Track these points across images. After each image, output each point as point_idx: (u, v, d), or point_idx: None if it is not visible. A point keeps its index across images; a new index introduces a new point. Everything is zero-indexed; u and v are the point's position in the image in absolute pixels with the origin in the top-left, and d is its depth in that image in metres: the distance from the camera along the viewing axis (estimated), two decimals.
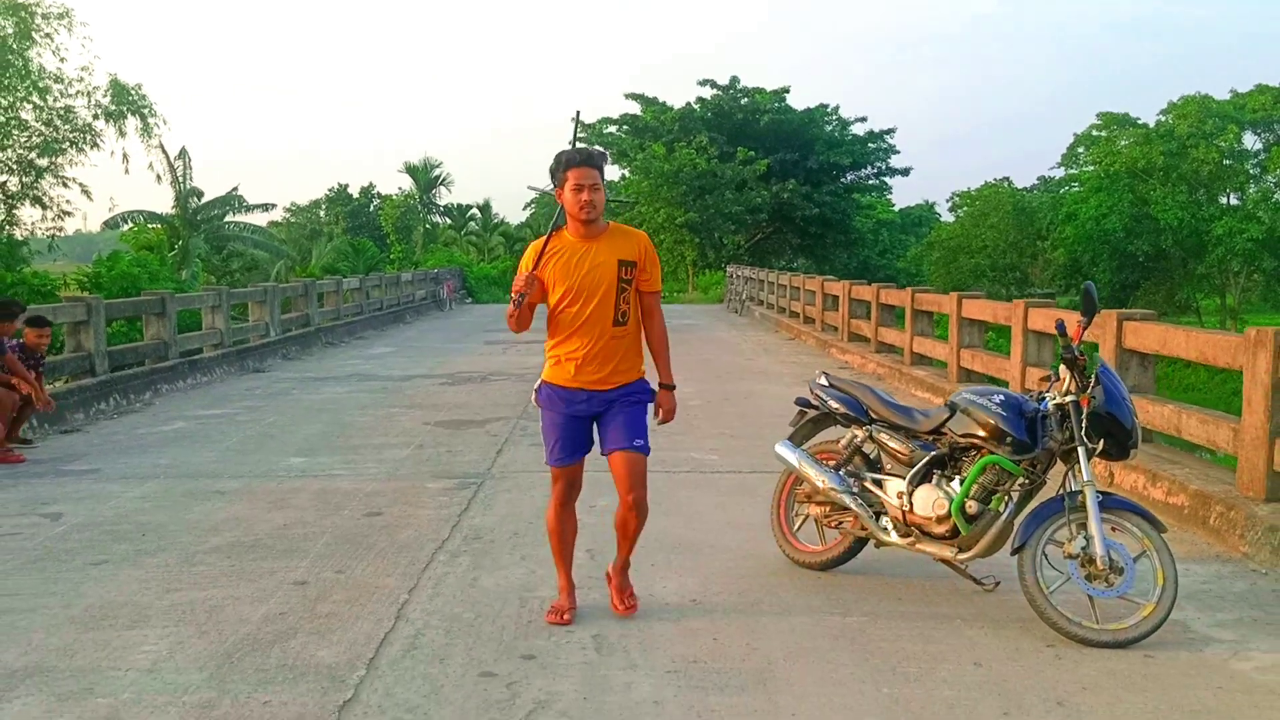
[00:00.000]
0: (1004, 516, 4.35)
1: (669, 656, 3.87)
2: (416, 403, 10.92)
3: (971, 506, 4.39)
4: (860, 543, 4.89)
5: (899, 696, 3.60)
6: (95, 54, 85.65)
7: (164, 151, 32.68)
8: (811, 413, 5.14)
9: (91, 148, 27.64)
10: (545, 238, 4.07)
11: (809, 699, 3.58)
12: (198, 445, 8.54)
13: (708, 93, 42.53)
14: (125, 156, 30.92)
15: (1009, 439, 4.32)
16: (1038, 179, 61.05)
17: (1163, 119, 46.61)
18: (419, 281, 29.76)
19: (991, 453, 4.35)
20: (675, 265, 43.22)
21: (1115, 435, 4.26)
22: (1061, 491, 4.27)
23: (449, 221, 54.02)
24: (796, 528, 5.13)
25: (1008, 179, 55.40)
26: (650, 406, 4.19)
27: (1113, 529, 4.19)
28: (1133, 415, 4.31)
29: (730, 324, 23.74)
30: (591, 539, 5.26)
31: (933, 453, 4.59)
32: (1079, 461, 4.20)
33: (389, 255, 43.76)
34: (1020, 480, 4.36)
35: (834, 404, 4.99)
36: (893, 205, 66.36)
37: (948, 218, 61.23)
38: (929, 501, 4.52)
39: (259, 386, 12.50)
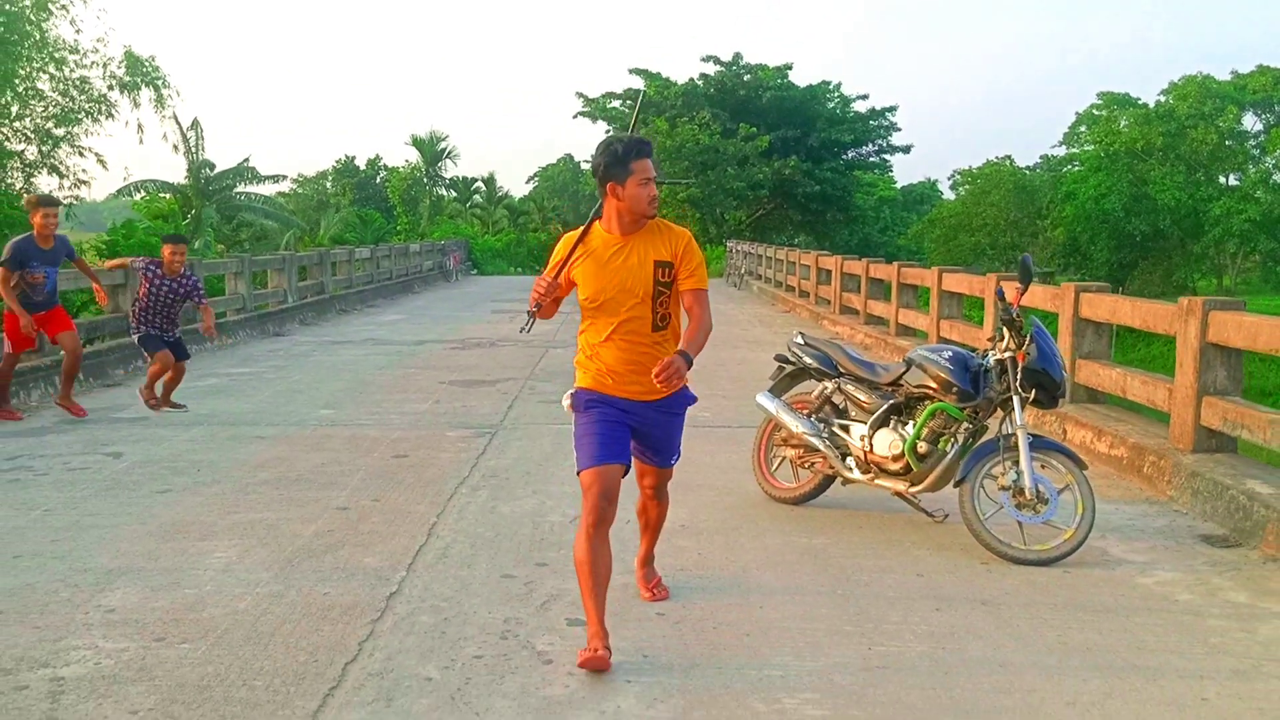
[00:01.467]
0: (950, 456, 5.08)
1: (661, 565, 4.60)
2: (430, 364, 11.65)
3: (922, 447, 5.12)
4: (828, 480, 5.62)
5: (850, 595, 4.34)
6: (110, 25, 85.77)
7: (177, 122, 33.26)
8: (789, 368, 5.86)
9: (106, 118, 28.24)
10: (583, 229, 3.69)
11: (775, 597, 4.32)
12: (233, 398, 9.29)
13: (711, 69, 42.99)
14: (140, 127, 31.44)
15: (955, 389, 5.05)
16: (1040, 157, 61.60)
17: (1163, 99, 47.09)
18: (426, 252, 30.43)
19: (940, 401, 5.08)
20: None
21: (1046, 386, 4.99)
22: (998, 434, 5.00)
23: (454, 194, 54.65)
24: (774, 468, 5.87)
25: (1009, 157, 55.76)
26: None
27: (1041, 466, 4.92)
28: (1062, 370, 5.03)
29: (729, 297, 24.41)
30: None
31: (891, 401, 5.31)
32: (1014, 409, 4.92)
33: (395, 227, 44.43)
34: (964, 425, 5.09)
35: (808, 360, 5.71)
36: (894, 183, 66.75)
37: (950, 195, 61.75)
38: (886, 443, 5.25)
39: (281, 349, 13.24)
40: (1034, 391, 4.97)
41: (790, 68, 43.32)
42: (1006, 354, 4.99)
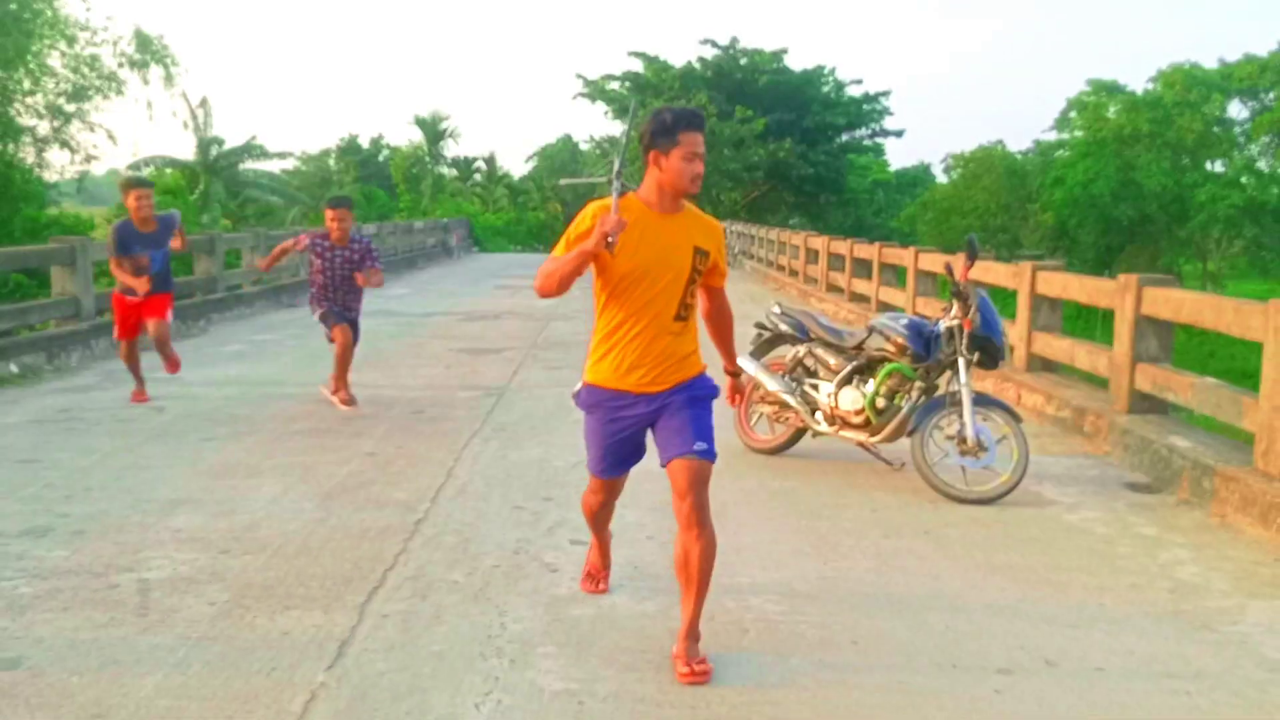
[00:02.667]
0: (904, 410, 5.79)
1: (652, 500, 5.30)
2: (439, 334, 12.33)
3: (880, 403, 5.83)
4: (800, 433, 6.33)
5: (812, 527, 5.06)
6: (119, 3, 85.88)
7: (186, 100, 33.76)
8: (767, 334, 6.56)
9: (116, 94, 28.78)
10: (615, 197, 3.31)
11: (748, 527, 5.03)
12: (258, 362, 9.98)
13: (708, 52, 43.44)
14: (149, 104, 31.95)
15: (910, 352, 5.75)
16: (1034, 141, 62.13)
17: (1150, 87, 47.61)
18: (429, 230, 31.03)
19: (896, 362, 5.78)
20: None
21: (988, 350, 5.69)
22: (946, 392, 5.71)
23: (456, 173, 55.17)
24: (753, 423, 6.57)
25: (1001, 142, 56.25)
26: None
27: (982, 419, 5.62)
28: (1002, 336, 5.74)
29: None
30: None
31: (855, 363, 6.01)
32: (960, 369, 5.62)
33: (398, 204, 44.99)
34: (917, 383, 5.79)
35: (784, 327, 6.41)
36: (888, 165, 67.23)
37: (943, 179, 62.30)
38: (850, 400, 5.95)
39: (296, 319, 13.90)
40: (978, 355, 5.67)
41: (786, 52, 43.82)
42: (954, 321, 5.69)
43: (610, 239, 3.23)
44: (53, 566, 4.31)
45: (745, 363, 6.47)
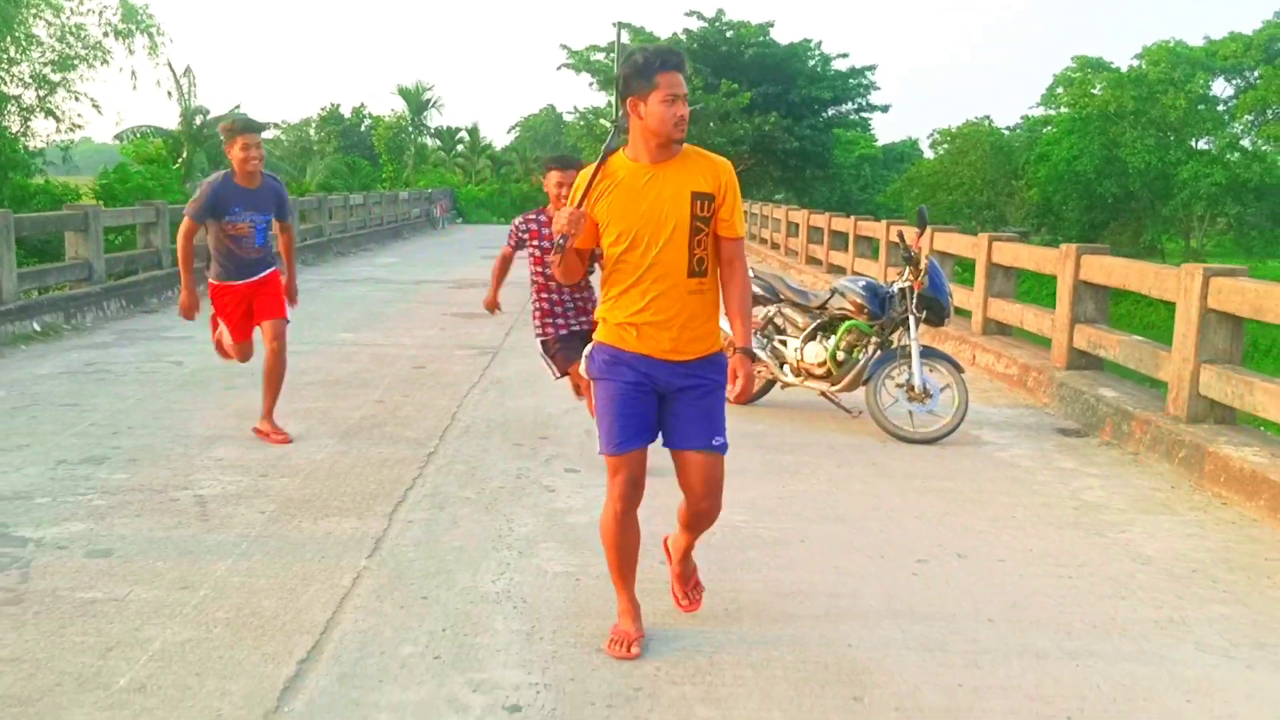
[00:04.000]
0: (861, 362, 6.50)
1: None
2: (431, 300, 12.97)
3: (840, 356, 6.54)
4: (770, 385, 7.04)
5: (776, 460, 5.77)
6: None
7: (171, 69, 33.98)
8: None
9: (102, 64, 29.04)
10: (598, 163, 3.09)
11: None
12: None
13: (694, 24, 43.83)
14: (134, 74, 32.16)
15: (866, 310, 6.46)
16: (1021, 118, 62.80)
17: (1135, 64, 48.38)
18: (414, 200, 31.51)
19: (855, 320, 6.49)
20: None
21: (935, 309, 6.40)
22: (898, 345, 6.42)
23: (439, 143, 55.41)
24: None
25: (988, 118, 56.87)
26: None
27: (929, 369, 6.34)
28: (948, 297, 6.46)
29: None
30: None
31: (818, 321, 6.71)
32: (910, 326, 6.33)
33: (381, 175, 45.32)
34: (873, 339, 6.50)
35: (756, 289, 7.09)
36: (875, 140, 67.74)
37: (930, 155, 63.00)
38: (814, 353, 6.66)
39: None
40: (926, 313, 6.39)
41: (772, 25, 44.26)
42: (906, 283, 6.40)
43: (560, 240, 3.03)
44: (117, 485, 4.98)
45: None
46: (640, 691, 3.08)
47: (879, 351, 6.54)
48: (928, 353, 6.38)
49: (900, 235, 6.60)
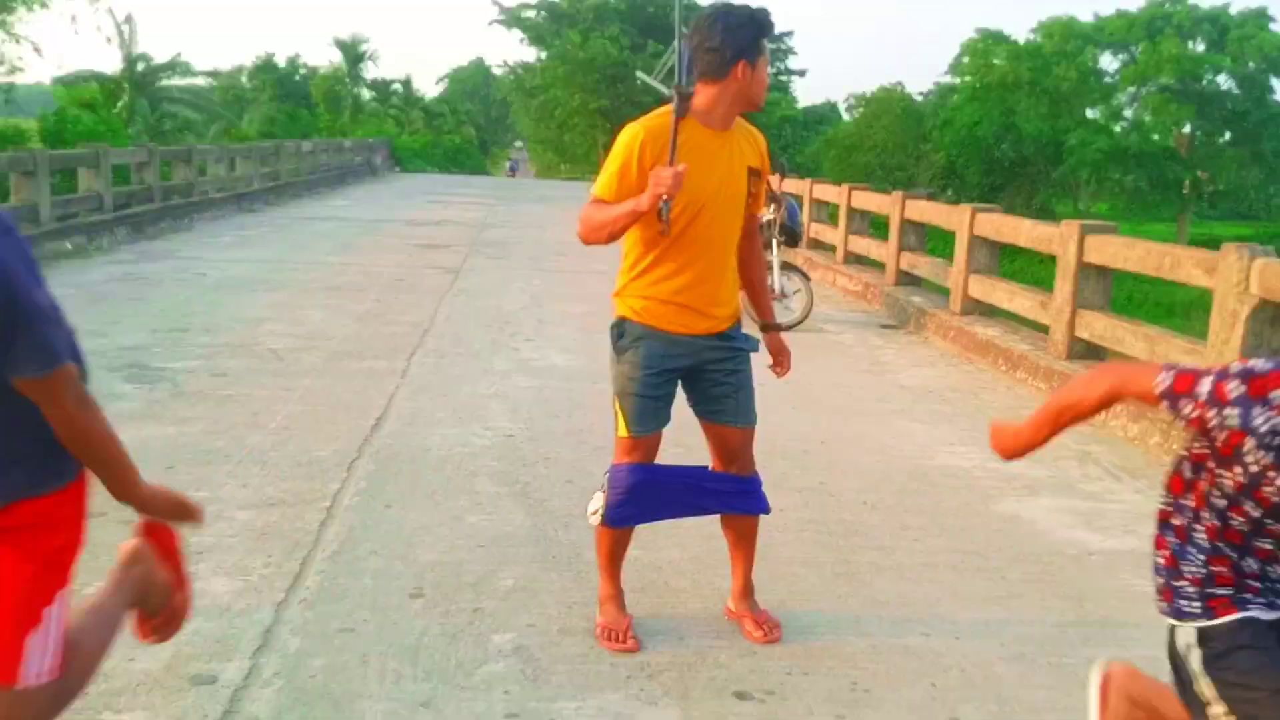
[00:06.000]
0: None
1: (575, 328, 8.24)
2: (393, 235, 14.96)
3: None
4: None
5: None
6: None
7: (112, 15, 34.64)
8: None
9: (41, 7, 29.76)
10: (674, 122, 2.83)
11: None
12: (255, 248, 12.54)
13: None
14: (74, 18, 32.82)
15: None
16: (934, 84, 66.02)
17: (1032, 37, 51.69)
18: (356, 149, 32.98)
19: None
20: (588, 149, 46.86)
21: (790, 233, 8.77)
22: (768, 260, 8.78)
23: (374, 94, 56.34)
24: None
25: (900, 84, 59.66)
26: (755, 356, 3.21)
27: (786, 278, 8.71)
28: (800, 225, 8.84)
29: None
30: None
31: None
32: (774, 246, 8.68)
33: (318, 124, 46.30)
34: None
35: None
36: (797, 103, 70.05)
37: (848, 118, 65.84)
38: None
39: (264, 221, 16.32)
40: (785, 236, 8.75)
41: None
42: (772, 215, 8.74)
43: (665, 202, 2.77)
44: (206, 343, 7.06)
45: None
46: (579, 406, 5.37)
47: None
48: (785, 266, 8.76)
49: (767, 181, 8.91)
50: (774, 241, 8.68)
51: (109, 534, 2.49)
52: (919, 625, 3.36)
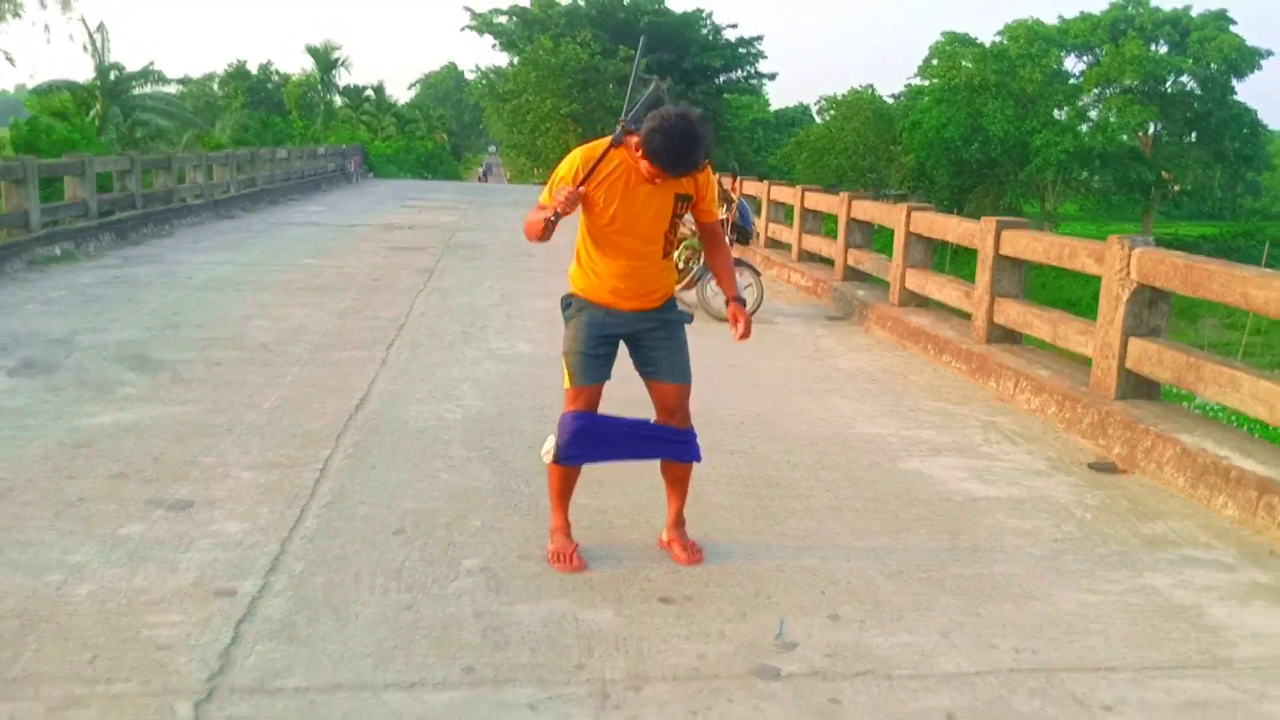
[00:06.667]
0: (694, 269, 9.52)
1: (540, 320, 8.88)
2: (368, 238, 15.54)
3: (680, 264, 9.55)
4: None
5: None
6: None
7: (85, 24, 34.91)
8: None
9: (14, 16, 30.13)
10: (606, 149, 3.50)
11: None
12: (236, 252, 13.09)
13: None
14: (47, 27, 33.06)
15: (698, 233, 9.49)
16: (905, 86, 67.18)
17: (998, 39, 52.84)
18: (330, 155, 33.41)
19: (692, 239, 9.50)
20: (560, 153, 47.40)
21: (742, 232, 9.46)
22: None
23: (347, 101, 56.74)
24: None
25: (871, 86, 60.68)
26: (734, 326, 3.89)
27: (737, 273, 9.36)
28: (752, 225, 9.52)
29: None
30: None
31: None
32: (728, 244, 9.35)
33: (291, 131, 46.66)
34: (702, 253, 9.54)
35: None
36: (769, 104, 71.03)
37: (820, 120, 66.84)
38: None
39: (242, 226, 16.84)
40: (736, 234, 9.43)
41: None
42: (725, 215, 9.43)
43: (558, 213, 3.45)
44: (199, 337, 7.65)
45: None
46: (541, 388, 6.01)
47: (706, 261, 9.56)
48: (738, 262, 9.42)
49: (720, 181, 9.59)
50: (726, 239, 9.34)
51: None
52: (819, 551, 4.04)
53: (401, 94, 76.20)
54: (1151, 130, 53.38)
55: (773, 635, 3.32)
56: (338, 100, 56.21)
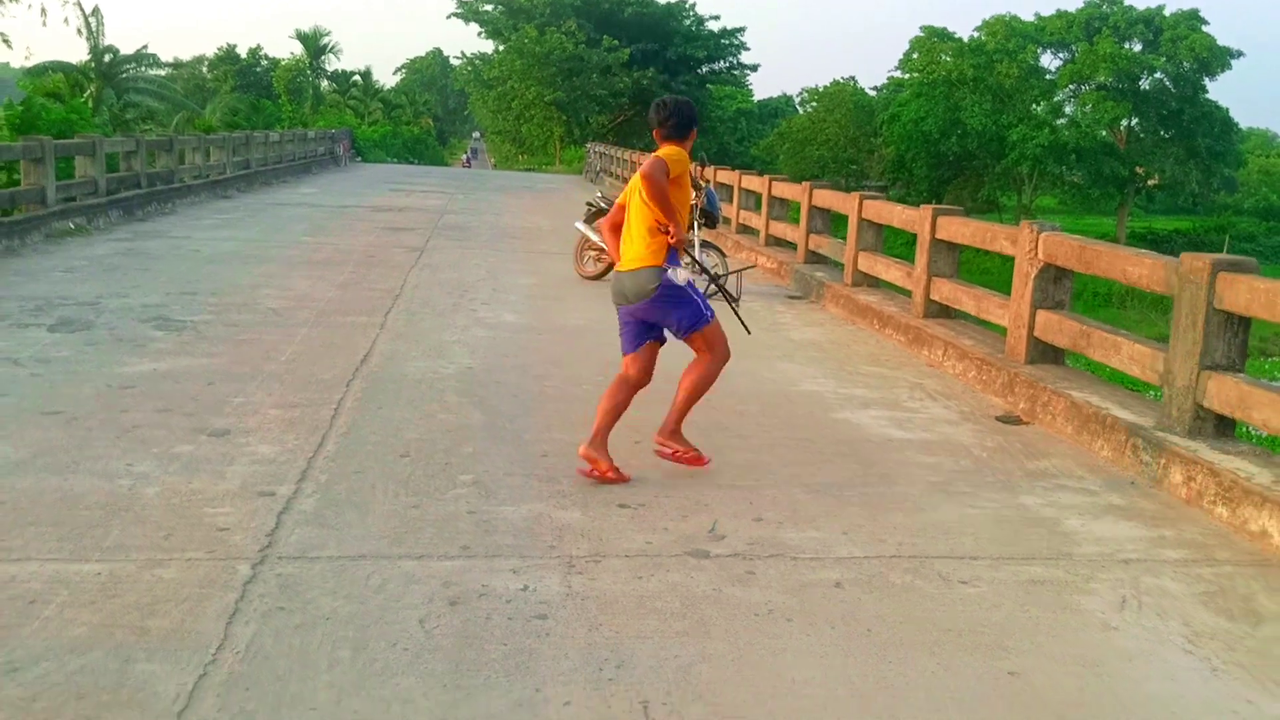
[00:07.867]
0: None
1: (524, 295, 9.68)
2: (360, 219, 16.28)
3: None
4: (610, 267, 10.79)
5: (605, 305, 9.59)
6: None
7: (80, 7, 35.33)
8: (593, 209, 11.00)
9: (13, 1, 30.55)
10: (700, 167, 5.00)
11: (574, 307, 9.49)
12: (237, 229, 13.82)
13: None
14: (43, 10, 33.49)
15: None
16: (887, 78, 68.06)
17: (976, 35, 53.77)
18: (320, 139, 34.00)
19: None
20: (545, 140, 48.17)
21: (710, 217, 10.29)
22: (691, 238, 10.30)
23: (335, 86, 57.19)
24: (583, 262, 11.04)
25: (853, 78, 61.50)
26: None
27: (705, 253, 10.22)
28: (718, 209, 10.35)
29: (584, 188, 29.30)
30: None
31: None
32: (695, 227, 10.19)
33: (280, 114, 47.10)
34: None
35: (602, 204, 10.86)
36: (752, 96, 71.75)
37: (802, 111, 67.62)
38: None
39: (240, 205, 17.54)
40: (705, 219, 10.27)
41: None
42: (694, 201, 10.25)
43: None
44: (214, 303, 8.42)
45: (580, 225, 10.94)
46: (524, 350, 6.83)
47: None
48: (705, 244, 10.27)
49: (694, 169, 10.41)
50: (696, 223, 10.18)
51: None
52: (753, 475, 4.89)
53: (388, 79, 76.48)
54: (1126, 126, 54.39)
55: (707, 530, 4.16)
56: (325, 85, 56.63)
